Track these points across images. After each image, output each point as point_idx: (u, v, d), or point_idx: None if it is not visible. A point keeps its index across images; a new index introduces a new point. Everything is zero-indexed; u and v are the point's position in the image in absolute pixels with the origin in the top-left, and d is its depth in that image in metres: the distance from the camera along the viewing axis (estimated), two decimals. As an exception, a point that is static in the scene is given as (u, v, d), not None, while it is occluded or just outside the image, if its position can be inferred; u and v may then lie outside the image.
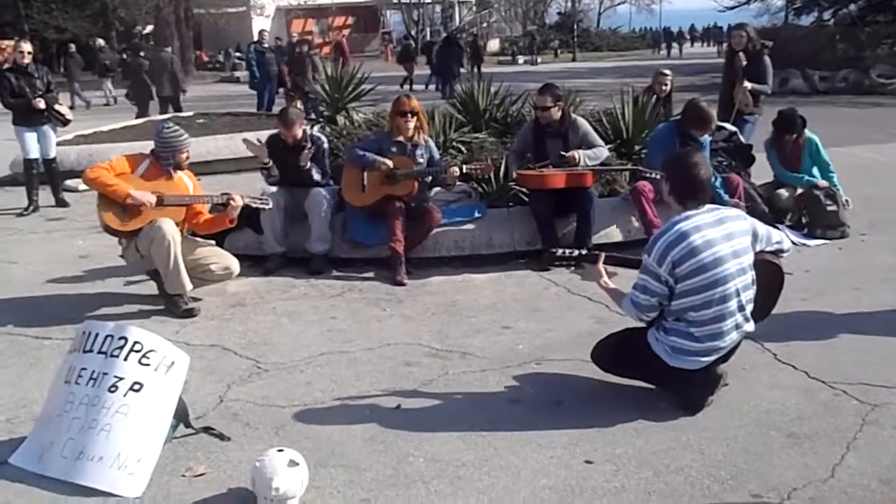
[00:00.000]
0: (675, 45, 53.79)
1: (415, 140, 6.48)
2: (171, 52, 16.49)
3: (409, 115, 6.41)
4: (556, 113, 6.51)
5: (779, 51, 9.84)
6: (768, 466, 3.40)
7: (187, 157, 5.70)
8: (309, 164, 6.44)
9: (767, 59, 8.78)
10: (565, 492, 3.26)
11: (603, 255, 4.17)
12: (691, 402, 3.88)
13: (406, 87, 25.21)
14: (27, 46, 9.04)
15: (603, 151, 6.63)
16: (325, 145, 6.72)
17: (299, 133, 6.51)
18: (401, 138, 6.46)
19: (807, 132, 7.57)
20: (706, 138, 6.81)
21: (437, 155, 6.63)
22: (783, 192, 7.44)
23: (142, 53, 17.19)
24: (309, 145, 6.48)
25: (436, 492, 3.28)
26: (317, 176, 6.46)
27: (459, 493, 3.27)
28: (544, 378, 4.38)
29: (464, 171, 6.38)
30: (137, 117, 15.39)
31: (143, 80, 15.96)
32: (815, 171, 7.50)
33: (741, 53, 8.66)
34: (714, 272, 3.66)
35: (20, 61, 8.84)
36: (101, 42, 26.93)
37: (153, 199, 5.42)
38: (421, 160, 6.45)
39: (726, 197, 6.58)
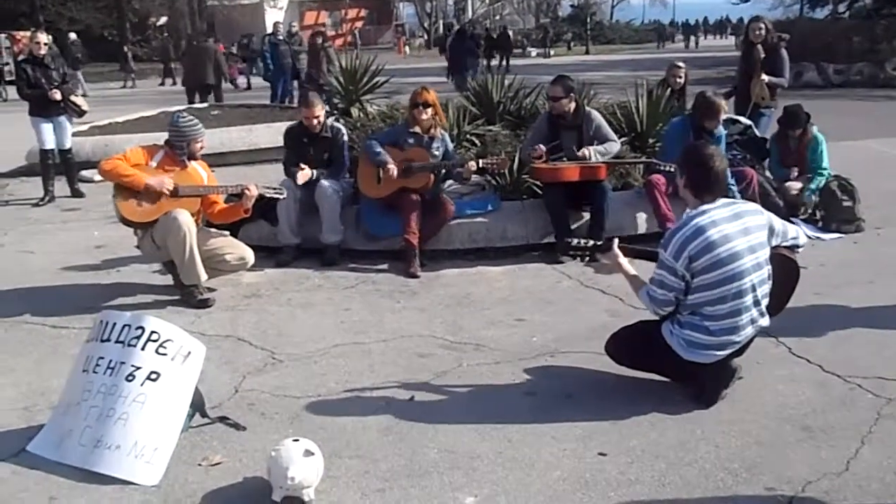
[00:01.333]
0: (692, 37, 53.94)
1: (431, 133, 6.48)
2: (213, 42, 16.78)
3: (423, 107, 6.41)
4: (568, 104, 6.51)
5: (793, 44, 9.81)
6: (782, 459, 3.40)
7: (201, 147, 5.72)
8: (315, 173, 6.40)
9: (785, 52, 8.76)
10: (579, 483, 3.27)
11: (616, 240, 4.18)
12: (705, 396, 3.88)
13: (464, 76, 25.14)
14: (43, 37, 9.09)
15: (614, 146, 6.63)
16: (345, 137, 6.72)
17: (321, 114, 6.53)
18: (417, 130, 6.46)
19: (815, 130, 7.53)
20: (721, 131, 6.81)
21: (451, 148, 6.63)
22: (793, 186, 7.38)
23: (195, 43, 17.44)
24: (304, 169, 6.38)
25: (450, 483, 3.30)
26: (325, 182, 6.40)
27: (474, 484, 3.28)
28: (558, 370, 4.39)
29: (480, 165, 6.38)
30: (201, 102, 15.63)
31: (197, 69, 16.20)
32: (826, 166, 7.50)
33: (759, 46, 8.63)
34: (730, 267, 3.66)
35: (36, 52, 8.88)
36: (72, 36, 26.98)
37: (171, 183, 5.45)
38: (437, 153, 6.45)
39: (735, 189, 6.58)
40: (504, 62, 30.61)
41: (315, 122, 6.50)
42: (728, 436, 3.61)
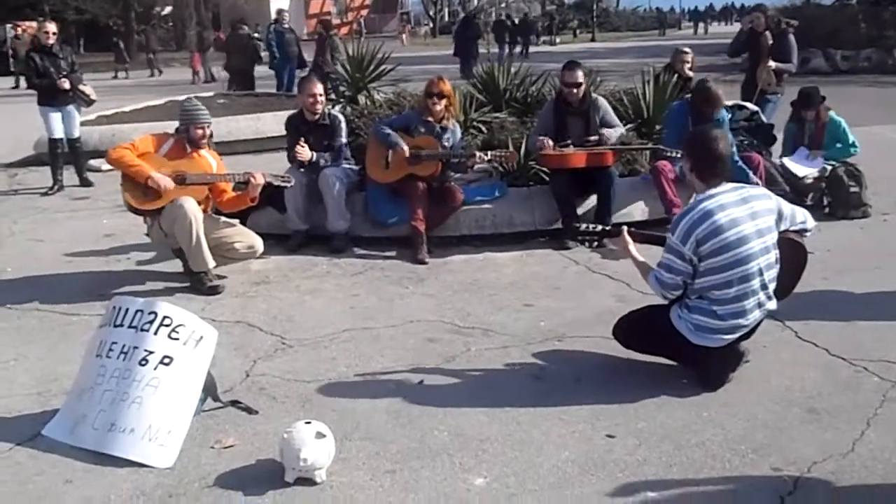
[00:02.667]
0: (700, 24, 54.15)
1: (444, 123, 6.50)
2: (248, 29, 17.03)
3: (438, 98, 6.42)
4: (583, 90, 6.54)
5: (800, 30, 9.79)
6: (788, 441, 3.43)
7: (203, 136, 5.67)
8: (315, 155, 6.44)
9: (792, 38, 8.78)
10: (587, 464, 3.30)
11: (626, 227, 4.20)
12: (712, 379, 3.90)
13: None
14: (52, 27, 9.09)
15: (620, 131, 6.69)
16: (343, 125, 6.71)
17: (320, 89, 6.55)
18: (430, 119, 6.48)
19: (831, 113, 7.52)
20: (723, 114, 6.80)
21: (458, 140, 6.63)
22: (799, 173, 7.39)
23: (232, 30, 17.66)
24: (303, 141, 6.44)
25: (460, 464, 3.34)
26: (322, 162, 6.46)
27: (483, 466, 3.32)
28: (566, 354, 4.42)
29: (488, 158, 6.39)
30: (240, 89, 15.87)
31: (233, 56, 16.33)
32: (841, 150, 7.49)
33: (767, 32, 8.63)
34: (738, 251, 3.68)
35: (45, 42, 8.89)
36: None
37: (171, 184, 5.45)
38: (447, 144, 6.46)
39: (752, 175, 6.57)
40: (524, 50, 30.51)
41: (316, 99, 6.50)
42: (734, 418, 3.64)
